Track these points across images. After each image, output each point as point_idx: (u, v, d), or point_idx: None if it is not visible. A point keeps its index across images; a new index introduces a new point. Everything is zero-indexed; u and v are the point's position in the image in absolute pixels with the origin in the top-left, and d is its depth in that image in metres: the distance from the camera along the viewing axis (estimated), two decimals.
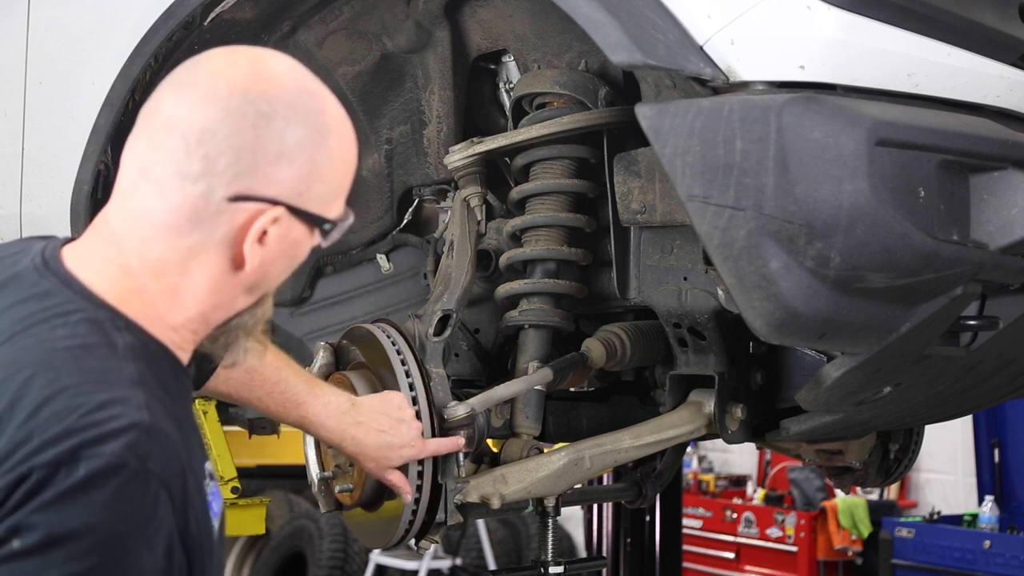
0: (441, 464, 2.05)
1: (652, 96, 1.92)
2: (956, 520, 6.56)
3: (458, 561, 7.42)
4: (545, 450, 2.23)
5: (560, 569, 2.33)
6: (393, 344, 2.08)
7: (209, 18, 2.30)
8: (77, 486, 1.14)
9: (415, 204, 2.70)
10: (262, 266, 1.33)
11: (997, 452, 6.80)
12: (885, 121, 1.68)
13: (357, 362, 2.17)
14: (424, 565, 7.09)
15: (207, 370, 1.71)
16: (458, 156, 2.32)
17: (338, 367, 2.20)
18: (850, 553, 7.27)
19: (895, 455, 2.98)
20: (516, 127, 2.31)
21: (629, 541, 4.81)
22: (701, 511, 7.87)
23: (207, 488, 1.30)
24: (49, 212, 2.64)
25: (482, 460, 2.23)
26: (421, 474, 2.03)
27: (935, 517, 6.60)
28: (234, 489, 2.91)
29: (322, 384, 2.00)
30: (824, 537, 7.25)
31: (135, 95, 2.39)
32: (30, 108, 2.69)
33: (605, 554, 4.84)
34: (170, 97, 1.31)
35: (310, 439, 2.17)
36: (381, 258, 2.82)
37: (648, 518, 4.79)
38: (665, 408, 2.26)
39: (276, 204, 1.30)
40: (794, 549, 7.29)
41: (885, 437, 2.95)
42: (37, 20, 2.67)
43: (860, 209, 1.65)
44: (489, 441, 2.26)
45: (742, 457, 8.74)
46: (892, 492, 7.64)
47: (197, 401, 2.80)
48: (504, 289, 2.33)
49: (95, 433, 1.17)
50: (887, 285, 1.73)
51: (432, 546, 2.24)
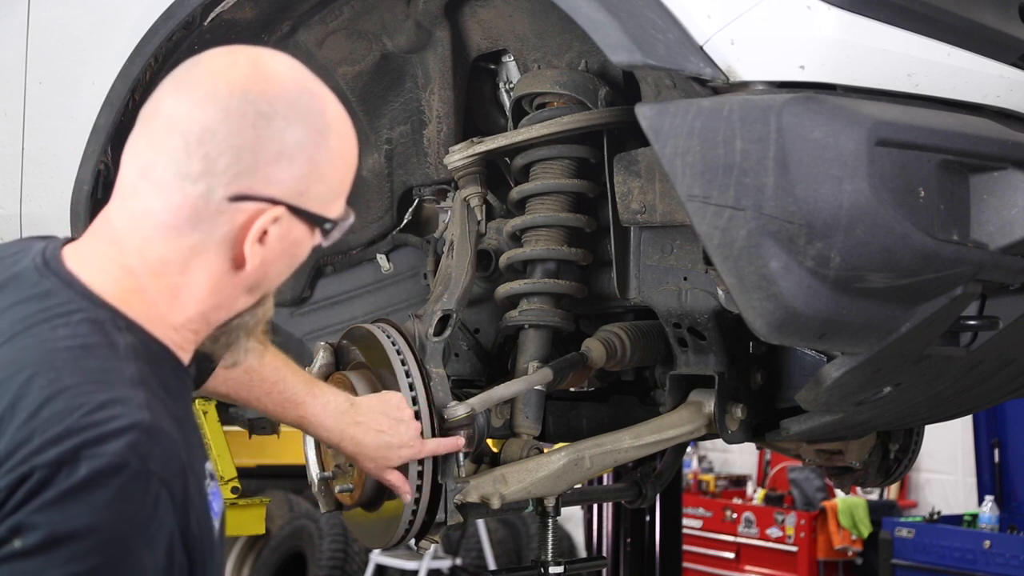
0: (441, 464, 2.05)
1: (652, 96, 1.92)
2: (956, 520, 6.56)
3: (458, 561, 7.42)
4: (545, 450, 2.23)
5: (560, 569, 2.33)
6: (393, 344, 2.08)
7: (209, 18, 2.30)
8: (78, 486, 1.14)
9: (415, 204, 2.70)
10: (262, 266, 1.33)
11: (997, 452, 6.80)
12: (885, 121, 1.68)
13: (357, 362, 2.17)
14: (424, 565, 7.09)
15: (207, 370, 1.71)
16: (458, 156, 2.32)
17: (338, 367, 2.20)
18: (850, 553, 7.26)
19: (895, 455, 2.98)
20: (516, 127, 2.31)
21: (629, 541, 4.80)
22: (701, 511, 7.86)
23: (207, 488, 1.30)
24: (49, 212, 2.64)
25: (482, 460, 2.23)
26: (421, 474, 2.03)
27: (935, 517, 6.60)
28: (234, 489, 2.91)
29: (321, 384, 2.00)
30: (824, 537, 7.25)
31: (135, 95, 2.39)
32: (30, 108, 2.69)
33: (605, 554, 4.84)
34: (170, 97, 1.31)
35: (310, 439, 2.17)
36: (381, 258, 2.82)
37: (648, 518, 4.78)
38: (665, 408, 2.26)
39: (276, 204, 1.30)
40: (794, 549, 7.29)
41: (885, 437, 2.95)
42: (37, 20, 2.67)
43: (860, 209, 1.65)
44: (489, 441, 2.26)
45: (742, 457, 8.74)
46: (892, 492, 7.63)
47: (197, 401, 2.80)
48: (504, 289, 2.33)
49: (96, 433, 1.17)
50: (887, 285, 1.73)
51: (432, 546, 2.24)
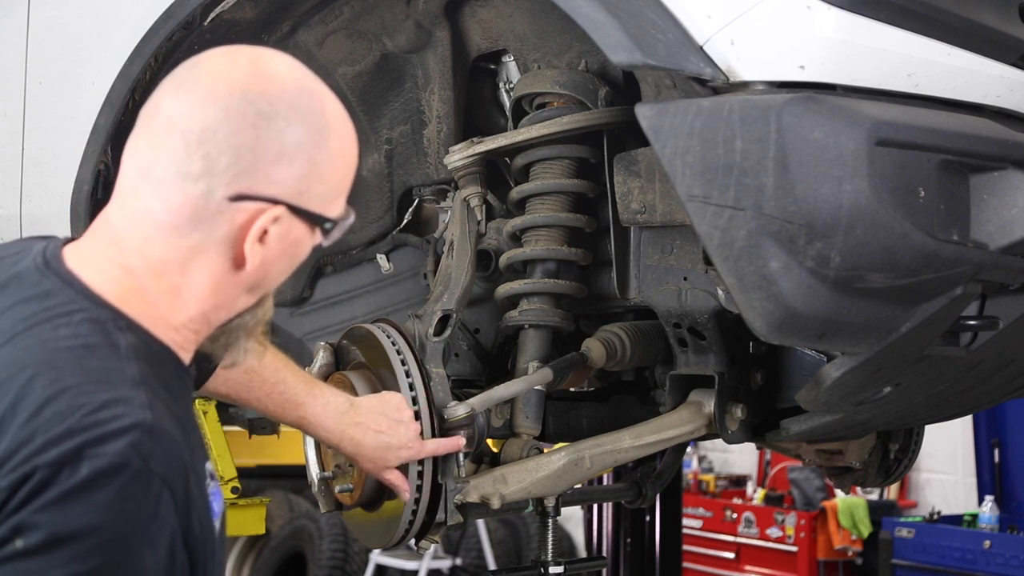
0: (441, 464, 2.05)
1: (652, 96, 1.92)
2: (956, 520, 6.56)
3: (458, 561, 7.42)
4: (545, 450, 2.23)
5: (560, 569, 2.33)
6: (393, 344, 2.08)
7: (209, 18, 2.30)
8: (80, 486, 1.14)
9: (415, 204, 2.70)
10: (263, 265, 1.33)
11: (997, 452, 6.80)
12: (885, 121, 1.68)
13: (357, 362, 2.17)
14: (424, 565, 7.09)
15: (207, 370, 1.71)
16: (458, 156, 2.32)
17: (338, 367, 2.20)
18: (850, 553, 7.27)
19: (895, 455, 2.98)
20: (516, 127, 2.31)
21: (629, 541, 4.80)
22: (701, 511, 7.86)
23: (208, 488, 1.30)
24: (49, 212, 2.64)
25: (482, 460, 2.23)
26: (421, 474, 2.03)
27: (935, 517, 6.60)
28: (234, 489, 2.92)
29: (321, 385, 2.00)
30: (824, 537, 7.25)
31: (135, 95, 2.39)
32: (30, 108, 2.69)
33: (605, 554, 4.84)
34: (170, 97, 1.31)
35: (310, 439, 2.17)
36: (381, 258, 2.82)
37: (648, 518, 4.78)
38: (665, 408, 2.26)
39: (277, 203, 1.30)
40: (794, 549, 7.29)
41: (885, 437, 2.95)
42: (37, 20, 2.67)
43: (860, 209, 1.65)
44: (489, 441, 2.26)
45: (742, 457, 8.74)
46: (892, 492, 7.63)
47: (197, 401, 2.80)
48: (504, 289, 2.33)
49: (98, 433, 1.17)
50: (887, 285, 1.73)
51: (432, 546, 2.24)
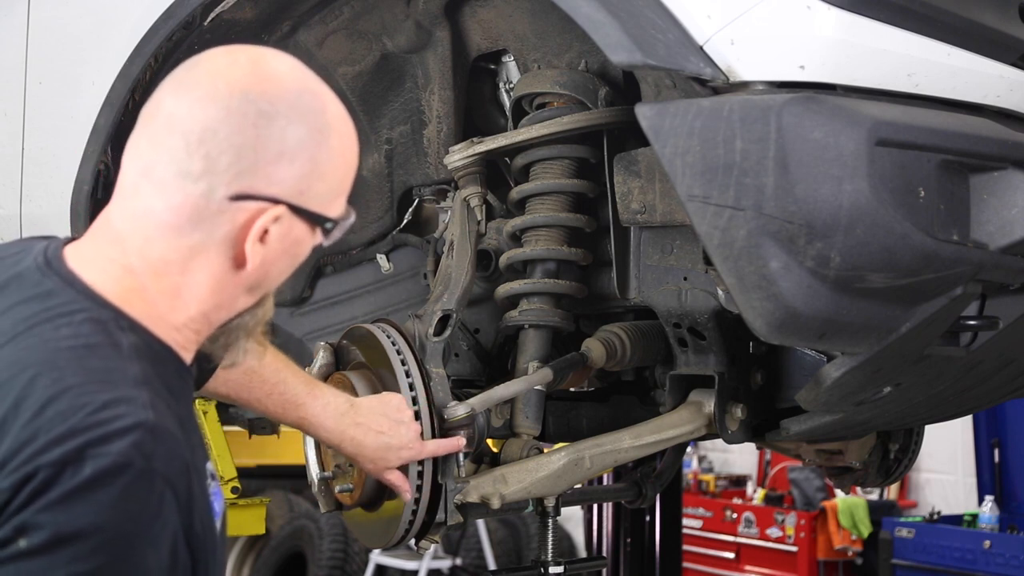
0: (441, 464, 2.05)
1: (652, 96, 1.92)
2: (956, 520, 6.56)
3: (458, 561, 7.42)
4: (545, 450, 2.23)
5: (560, 569, 2.33)
6: (393, 344, 2.08)
7: (209, 18, 2.30)
8: (83, 485, 1.14)
9: (415, 204, 2.70)
10: (263, 265, 1.33)
11: (997, 452, 6.80)
12: (885, 121, 1.68)
13: (357, 362, 2.17)
14: (424, 565, 7.09)
15: (207, 370, 1.71)
16: (458, 156, 2.32)
17: (338, 367, 2.20)
18: (850, 553, 7.27)
19: (895, 455, 2.98)
20: (516, 127, 2.31)
21: (629, 541, 4.80)
22: (701, 511, 7.86)
23: (209, 488, 1.30)
24: (49, 212, 2.64)
25: (482, 460, 2.23)
26: (421, 474, 2.03)
27: (935, 517, 6.60)
28: (234, 489, 2.92)
29: (321, 385, 2.00)
30: (824, 537, 7.25)
31: (135, 95, 2.39)
32: (30, 108, 2.69)
33: (605, 554, 4.84)
34: (170, 97, 1.31)
35: (310, 439, 2.17)
36: (381, 258, 2.82)
37: (648, 518, 4.78)
38: (665, 408, 2.26)
39: (277, 203, 1.30)
40: (794, 549, 7.29)
41: (885, 437, 2.95)
42: (37, 20, 2.67)
43: (860, 209, 1.65)
44: (489, 441, 2.26)
45: (742, 457, 8.74)
46: (892, 492, 7.63)
47: (197, 401, 2.80)
48: (504, 289, 2.33)
49: (100, 432, 1.17)
50: (887, 285, 1.73)
51: (432, 546, 2.24)
